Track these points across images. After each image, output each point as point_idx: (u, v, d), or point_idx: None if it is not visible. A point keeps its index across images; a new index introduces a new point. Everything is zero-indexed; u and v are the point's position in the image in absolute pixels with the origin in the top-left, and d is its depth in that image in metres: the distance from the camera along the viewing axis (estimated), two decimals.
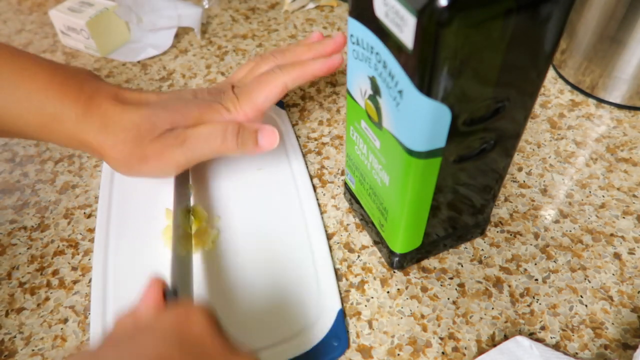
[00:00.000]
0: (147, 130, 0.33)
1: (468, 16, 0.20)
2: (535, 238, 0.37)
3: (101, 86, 0.34)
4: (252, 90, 0.37)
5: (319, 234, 0.37)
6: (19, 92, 0.32)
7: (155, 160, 0.34)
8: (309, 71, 0.38)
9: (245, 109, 0.36)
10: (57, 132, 0.33)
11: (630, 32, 0.41)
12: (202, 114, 0.35)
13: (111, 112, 0.33)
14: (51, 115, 0.32)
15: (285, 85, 0.37)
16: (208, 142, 0.35)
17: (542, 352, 0.29)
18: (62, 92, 0.32)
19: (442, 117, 0.24)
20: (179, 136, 0.34)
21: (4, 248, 0.38)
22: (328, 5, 0.61)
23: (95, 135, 0.33)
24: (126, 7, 0.54)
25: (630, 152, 0.43)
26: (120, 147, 0.33)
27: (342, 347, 0.31)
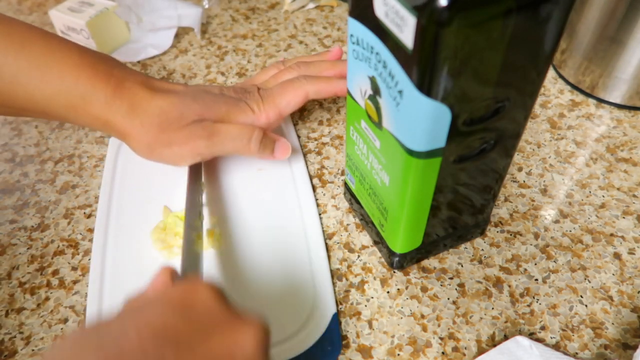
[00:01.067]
0: (174, 117, 0.34)
1: (468, 16, 0.20)
2: (535, 238, 0.37)
3: (130, 72, 0.36)
4: (277, 94, 0.39)
5: (316, 237, 0.36)
6: (50, 72, 0.33)
7: (179, 147, 0.35)
8: (332, 89, 0.40)
9: (268, 112, 0.38)
10: (85, 113, 0.34)
11: (630, 32, 0.41)
12: (229, 111, 0.37)
13: (140, 96, 0.34)
14: (81, 96, 0.33)
15: (307, 95, 0.39)
16: (234, 141, 0.36)
17: (542, 352, 0.29)
18: (93, 74, 0.33)
19: (442, 117, 0.24)
20: (206, 128, 0.35)
21: (4, 248, 0.38)
22: (328, 5, 0.61)
23: (122, 117, 0.34)
24: (126, 7, 0.54)
25: (630, 152, 0.43)
26: (146, 130, 0.34)
27: (335, 352, 0.30)
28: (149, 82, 0.35)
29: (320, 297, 0.33)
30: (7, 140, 0.46)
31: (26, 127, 0.48)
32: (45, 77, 0.33)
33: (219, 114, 0.36)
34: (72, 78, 0.33)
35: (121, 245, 0.36)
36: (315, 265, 0.35)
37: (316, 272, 0.34)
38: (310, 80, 0.39)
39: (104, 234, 0.37)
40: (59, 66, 0.33)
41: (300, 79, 0.39)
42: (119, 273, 0.35)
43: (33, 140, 0.46)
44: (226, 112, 0.36)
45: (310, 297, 0.33)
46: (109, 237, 0.37)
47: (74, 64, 0.33)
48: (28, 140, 0.46)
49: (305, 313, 0.32)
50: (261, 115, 0.38)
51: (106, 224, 0.38)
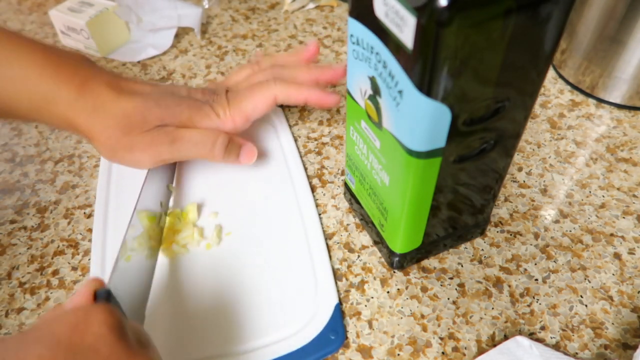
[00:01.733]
0: (137, 122, 0.34)
1: (468, 16, 0.20)
2: (535, 238, 0.37)
3: (96, 71, 0.35)
4: (243, 98, 0.38)
5: (315, 230, 0.37)
6: (13, 71, 0.32)
7: (141, 152, 0.34)
8: (303, 95, 0.39)
9: (234, 116, 0.37)
10: (49, 114, 0.33)
11: (630, 32, 0.41)
12: (192, 116, 0.36)
13: (104, 97, 0.33)
14: (44, 96, 0.32)
15: (275, 98, 0.38)
16: (197, 147, 0.36)
17: (542, 352, 0.29)
18: (57, 74, 0.33)
19: (442, 117, 0.24)
20: (169, 134, 0.35)
21: (4, 248, 0.38)
22: (328, 5, 0.61)
23: (85, 118, 0.33)
24: (126, 7, 0.54)
25: (630, 152, 0.43)
26: (109, 133, 0.33)
27: (339, 341, 0.31)
28: (115, 82, 0.34)
29: (322, 289, 0.33)
30: (7, 140, 0.46)
31: (26, 127, 0.48)
32: (9, 75, 0.32)
33: (181, 118, 0.35)
34: (35, 77, 0.32)
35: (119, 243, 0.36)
36: (316, 258, 0.35)
37: (317, 265, 0.35)
38: (280, 85, 0.38)
39: (102, 234, 0.37)
40: (23, 65, 0.32)
41: (269, 82, 0.38)
42: None
43: (33, 140, 0.46)
44: (189, 117, 0.36)
45: (313, 290, 0.33)
46: (108, 238, 0.37)
47: (38, 63, 0.32)
48: (28, 140, 0.46)
49: (309, 306, 0.33)
50: (227, 119, 0.37)
51: (104, 224, 0.38)
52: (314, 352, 0.30)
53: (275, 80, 0.39)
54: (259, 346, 0.31)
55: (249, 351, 0.31)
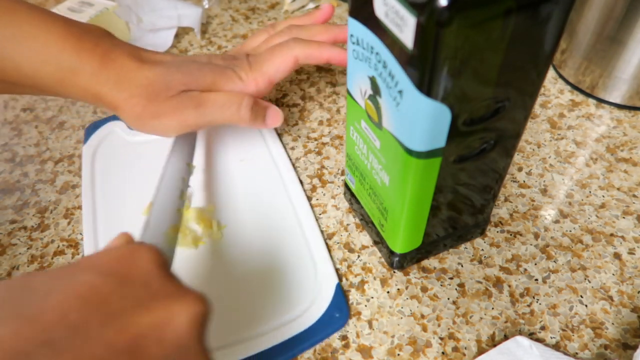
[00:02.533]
0: (161, 88, 0.34)
1: (468, 16, 0.20)
2: (535, 238, 0.37)
3: (116, 43, 0.35)
4: (265, 60, 0.38)
5: (307, 214, 0.38)
6: (36, 44, 0.33)
7: (168, 118, 0.35)
8: (325, 54, 0.38)
9: (257, 79, 0.37)
10: (72, 85, 0.33)
11: (630, 32, 0.41)
12: (215, 80, 0.36)
13: (127, 67, 0.34)
14: (68, 68, 0.33)
15: (297, 60, 0.38)
16: (222, 109, 0.36)
17: (542, 352, 0.29)
18: (79, 46, 0.33)
19: (442, 117, 0.24)
20: (194, 98, 0.35)
21: (4, 248, 0.38)
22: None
23: (110, 89, 0.33)
24: (126, 7, 0.54)
25: (630, 152, 0.43)
26: (134, 101, 0.33)
27: (343, 318, 0.32)
28: (136, 53, 0.35)
29: (321, 271, 0.34)
30: (7, 140, 0.46)
31: (26, 127, 0.48)
32: (32, 48, 0.32)
33: (205, 83, 0.36)
34: (57, 48, 0.33)
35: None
36: (312, 243, 0.36)
37: (313, 248, 0.36)
38: (300, 44, 0.38)
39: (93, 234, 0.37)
40: (44, 36, 0.32)
41: (289, 42, 0.38)
42: None
43: (33, 140, 0.46)
44: (212, 80, 0.36)
45: (312, 273, 0.34)
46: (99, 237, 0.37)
47: (59, 34, 0.33)
48: (28, 140, 0.46)
49: (311, 288, 0.34)
50: (250, 82, 0.37)
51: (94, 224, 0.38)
52: (320, 331, 0.31)
53: (296, 41, 0.38)
54: (267, 331, 0.32)
55: (256, 336, 0.31)
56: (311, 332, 0.31)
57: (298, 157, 0.43)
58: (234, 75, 0.37)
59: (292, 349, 0.31)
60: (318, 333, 0.31)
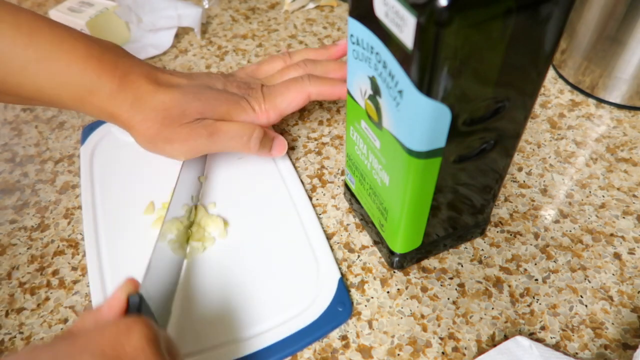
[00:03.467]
0: (177, 115, 0.35)
1: (468, 16, 0.20)
2: (535, 238, 0.37)
3: (135, 63, 0.36)
4: (278, 94, 0.39)
5: (308, 211, 0.38)
6: (58, 64, 0.33)
7: (180, 144, 0.35)
8: (337, 92, 0.39)
9: (269, 112, 0.38)
10: (90, 104, 0.34)
11: (630, 32, 0.41)
12: (229, 110, 0.37)
13: (143, 90, 0.34)
14: (87, 87, 0.33)
15: (309, 96, 0.39)
16: (234, 140, 0.37)
17: (542, 352, 0.29)
18: (99, 67, 0.34)
19: (442, 117, 0.24)
20: (208, 127, 0.36)
21: (4, 248, 0.38)
22: (328, 5, 0.61)
23: (125, 110, 0.34)
24: (126, 7, 0.54)
25: (630, 152, 0.43)
26: (149, 124, 0.34)
27: (347, 312, 0.32)
28: (153, 75, 0.36)
29: (323, 266, 0.35)
30: (7, 140, 0.46)
31: (26, 127, 0.48)
32: (53, 69, 0.33)
33: (220, 112, 0.36)
34: (78, 70, 0.33)
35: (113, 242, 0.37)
36: (313, 238, 0.36)
37: (315, 243, 0.36)
38: (314, 82, 0.39)
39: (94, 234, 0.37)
40: (66, 57, 0.33)
41: (304, 79, 0.39)
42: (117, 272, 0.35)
43: (33, 140, 0.46)
44: (227, 110, 0.37)
45: (314, 269, 0.35)
46: (100, 238, 0.37)
47: (80, 56, 0.33)
48: (28, 140, 0.46)
49: (313, 283, 0.34)
50: (262, 114, 0.38)
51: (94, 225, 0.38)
52: (324, 325, 0.32)
53: (310, 78, 0.39)
54: (272, 326, 0.32)
55: (262, 333, 0.32)
56: (315, 326, 0.32)
57: (298, 157, 0.43)
58: (247, 106, 0.38)
59: (297, 343, 0.31)
60: (322, 327, 0.32)
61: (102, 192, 0.40)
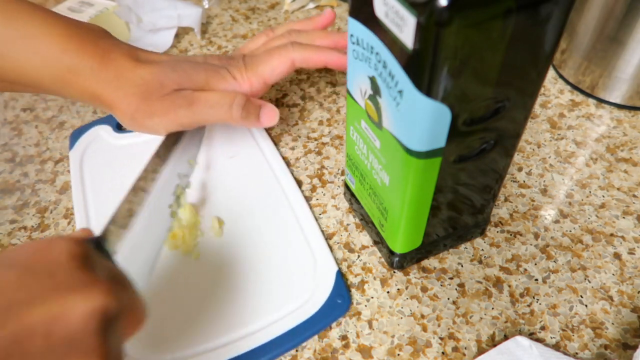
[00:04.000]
0: (155, 87, 0.34)
1: (468, 16, 0.20)
2: (535, 238, 0.37)
3: (115, 43, 0.36)
4: (261, 61, 0.38)
5: (301, 204, 0.38)
6: (37, 43, 0.33)
7: (160, 117, 0.35)
8: (322, 58, 0.38)
9: (251, 79, 0.37)
10: (72, 85, 0.34)
11: (630, 32, 0.41)
12: (208, 79, 0.36)
13: (124, 67, 0.34)
14: (68, 67, 0.33)
15: (293, 62, 0.38)
16: (214, 108, 0.36)
17: (542, 352, 0.29)
18: (80, 46, 0.34)
19: (442, 117, 0.24)
20: (186, 97, 0.35)
21: (4, 248, 0.38)
22: (328, 5, 0.61)
23: (107, 89, 0.34)
24: (126, 7, 0.54)
25: (630, 152, 0.43)
26: (129, 100, 0.34)
27: (346, 304, 0.33)
28: (134, 53, 0.35)
29: (320, 260, 0.35)
30: (7, 140, 0.46)
31: (26, 127, 0.48)
32: (34, 48, 0.33)
33: (198, 82, 0.36)
34: (59, 49, 0.33)
35: None
36: (308, 232, 0.37)
37: (310, 238, 0.36)
38: (297, 48, 0.38)
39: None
40: (47, 37, 0.33)
41: (287, 45, 0.38)
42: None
43: (33, 140, 0.46)
44: (205, 79, 0.36)
45: (311, 263, 0.35)
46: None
47: (61, 35, 0.33)
48: (28, 140, 0.46)
49: (311, 277, 0.34)
50: (244, 82, 0.37)
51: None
52: (324, 317, 0.32)
53: (293, 44, 0.39)
54: (271, 322, 0.32)
55: (261, 328, 0.32)
56: (315, 319, 0.32)
57: (298, 157, 0.43)
58: (227, 74, 0.37)
59: (297, 337, 0.31)
60: (322, 320, 0.32)
61: (93, 195, 0.40)
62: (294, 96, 0.49)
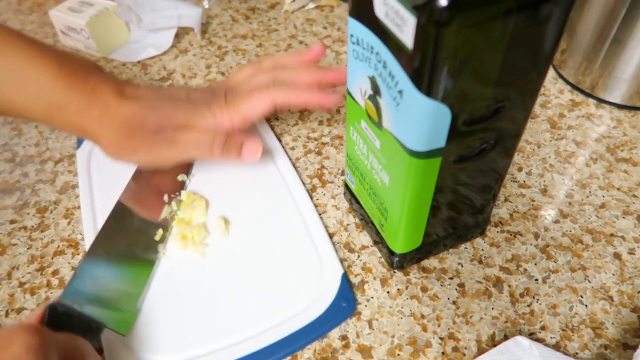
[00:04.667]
0: (136, 126, 0.35)
1: (468, 16, 0.20)
2: (535, 238, 0.37)
3: (104, 79, 0.36)
4: (241, 100, 0.39)
5: (309, 210, 0.38)
6: (29, 78, 0.34)
7: (143, 154, 0.36)
8: (302, 99, 0.39)
9: (232, 116, 0.38)
10: (60, 119, 0.35)
11: (630, 32, 0.41)
12: (188, 118, 0.37)
13: (109, 103, 0.35)
14: (57, 104, 0.34)
15: (274, 102, 0.38)
16: (195, 148, 0.37)
17: (542, 352, 0.29)
18: (69, 83, 0.34)
19: (442, 117, 0.24)
20: (167, 138, 0.36)
21: (4, 248, 0.38)
22: (328, 5, 0.61)
23: (92, 125, 0.35)
24: (126, 7, 0.54)
25: (630, 152, 0.43)
26: (111, 136, 0.35)
27: (350, 307, 0.33)
28: (120, 89, 0.36)
29: (326, 263, 0.35)
30: (7, 140, 0.46)
31: (26, 127, 0.48)
32: (24, 82, 0.34)
33: (178, 121, 0.37)
34: (48, 87, 0.34)
35: None
36: (315, 235, 0.37)
37: (317, 241, 0.36)
38: (279, 89, 0.39)
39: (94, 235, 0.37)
40: (37, 73, 0.34)
41: (269, 86, 0.39)
42: None
43: (33, 140, 0.46)
44: (184, 119, 0.37)
45: (317, 266, 0.35)
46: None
47: (52, 72, 0.34)
48: (28, 140, 0.46)
49: (317, 280, 0.34)
50: (223, 120, 0.38)
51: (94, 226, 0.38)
52: (328, 321, 0.32)
53: (275, 84, 0.39)
54: (276, 323, 0.32)
55: (266, 330, 0.32)
56: (319, 322, 0.32)
57: (298, 157, 0.43)
58: (207, 112, 0.38)
59: (301, 340, 0.31)
60: (326, 323, 0.32)
61: (100, 193, 0.40)
62: None
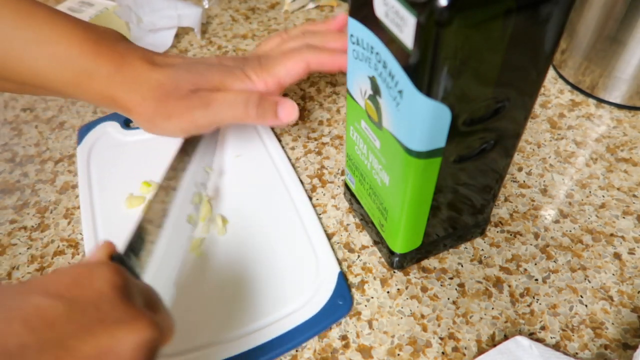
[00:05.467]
0: (171, 89, 0.35)
1: (468, 16, 0.20)
2: (535, 238, 0.37)
3: (131, 47, 0.36)
4: (276, 63, 0.38)
5: (307, 208, 0.38)
6: (57, 46, 0.33)
7: (178, 118, 0.35)
8: (336, 63, 0.38)
9: (266, 79, 0.37)
10: (88, 89, 0.34)
11: (630, 32, 0.41)
12: (223, 79, 0.36)
13: (140, 71, 0.34)
14: (85, 71, 0.34)
15: (308, 65, 0.38)
16: (230, 108, 0.36)
17: (542, 352, 0.29)
18: (97, 50, 0.34)
19: (442, 117, 0.24)
20: (202, 98, 0.35)
21: (4, 248, 0.38)
22: (328, 5, 0.61)
23: (123, 92, 0.34)
24: (126, 7, 0.54)
25: (630, 152, 0.43)
26: (147, 104, 0.34)
27: (347, 305, 0.33)
28: (149, 57, 0.36)
29: (322, 261, 0.35)
30: (7, 140, 0.46)
31: (26, 127, 0.48)
32: (52, 51, 0.33)
33: (213, 82, 0.36)
34: (77, 53, 0.33)
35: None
36: (311, 233, 0.37)
37: (314, 238, 0.36)
38: (313, 51, 0.38)
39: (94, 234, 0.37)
40: (65, 41, 0.33)
41: (302, 48, 0.39)
42: None
43: (33, 140, 0.46)
44: (220, 80, 0.36)
45: (314, 263, 0.35)
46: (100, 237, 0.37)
47: (78, 39, 0.33)
48: (28, 140, 0.46)
49: (313, 277, 0.34)
50: (259, 82, 0.37)
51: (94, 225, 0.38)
52: (325, 318, 0.32)
53: (308, 47, 0.39)
54: (272, 321, 0.32)
55: (261, 328, 0.32)
56: (315, 320, 0.32)
57: (298, 157, 0.43)
58: (242, 74, 0.37)
59: (297, 338, 0.31)
60: (322, 321, 0.32)
61: (100, 191, 0.40)
62: (294, 96, 0.49)
